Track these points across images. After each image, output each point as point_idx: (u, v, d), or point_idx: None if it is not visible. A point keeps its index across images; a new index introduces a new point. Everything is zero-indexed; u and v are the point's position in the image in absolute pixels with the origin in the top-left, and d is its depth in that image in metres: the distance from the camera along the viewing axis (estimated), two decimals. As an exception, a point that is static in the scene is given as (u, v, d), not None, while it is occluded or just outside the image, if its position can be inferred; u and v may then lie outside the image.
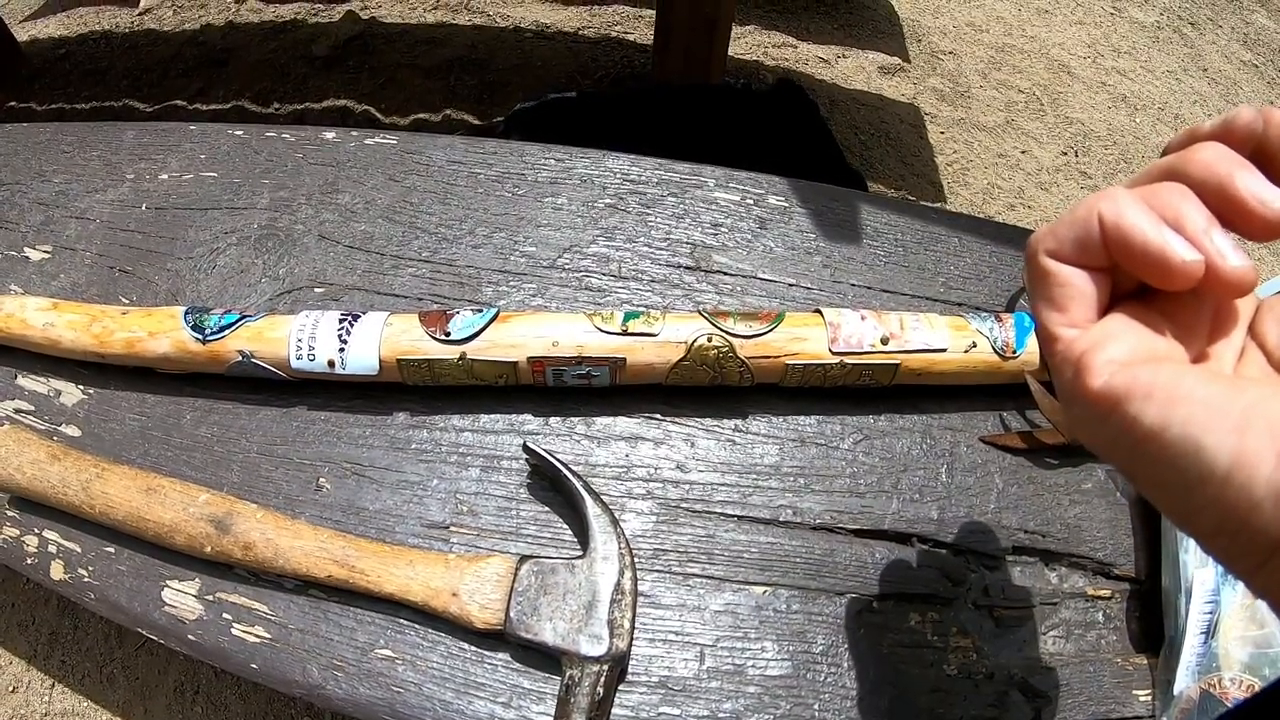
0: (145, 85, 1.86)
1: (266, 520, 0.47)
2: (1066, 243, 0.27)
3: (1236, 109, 0.27)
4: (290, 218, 0.66)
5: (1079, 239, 0.27)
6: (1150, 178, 0.28)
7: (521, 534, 0.51)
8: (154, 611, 0.49)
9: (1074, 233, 0.27)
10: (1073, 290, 0.27)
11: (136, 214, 0.67)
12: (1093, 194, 0.27)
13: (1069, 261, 0.27)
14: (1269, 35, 2.20)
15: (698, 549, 0.50)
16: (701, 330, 0.51)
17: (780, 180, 0.69)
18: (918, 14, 2.11)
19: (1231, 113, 0.27)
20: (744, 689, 0.46)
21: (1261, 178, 0.25)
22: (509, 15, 2.00)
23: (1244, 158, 0.26)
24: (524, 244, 0.64)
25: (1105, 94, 1.96)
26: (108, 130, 0.74)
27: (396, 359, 0.52)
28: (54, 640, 1.09)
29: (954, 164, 1.77)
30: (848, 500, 0.52)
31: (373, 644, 0.47)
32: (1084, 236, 0.26)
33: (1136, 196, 0.26)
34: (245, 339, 0.53)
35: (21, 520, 0.53)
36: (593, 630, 0.43)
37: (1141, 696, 0.47)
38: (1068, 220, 0.27)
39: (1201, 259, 0.24)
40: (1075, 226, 0.27)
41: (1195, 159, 0.26)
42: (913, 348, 0.52)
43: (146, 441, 0.55)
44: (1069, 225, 0.27)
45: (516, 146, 0.71)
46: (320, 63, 1.88)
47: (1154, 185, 0.26)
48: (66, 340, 0.55)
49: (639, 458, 0.54)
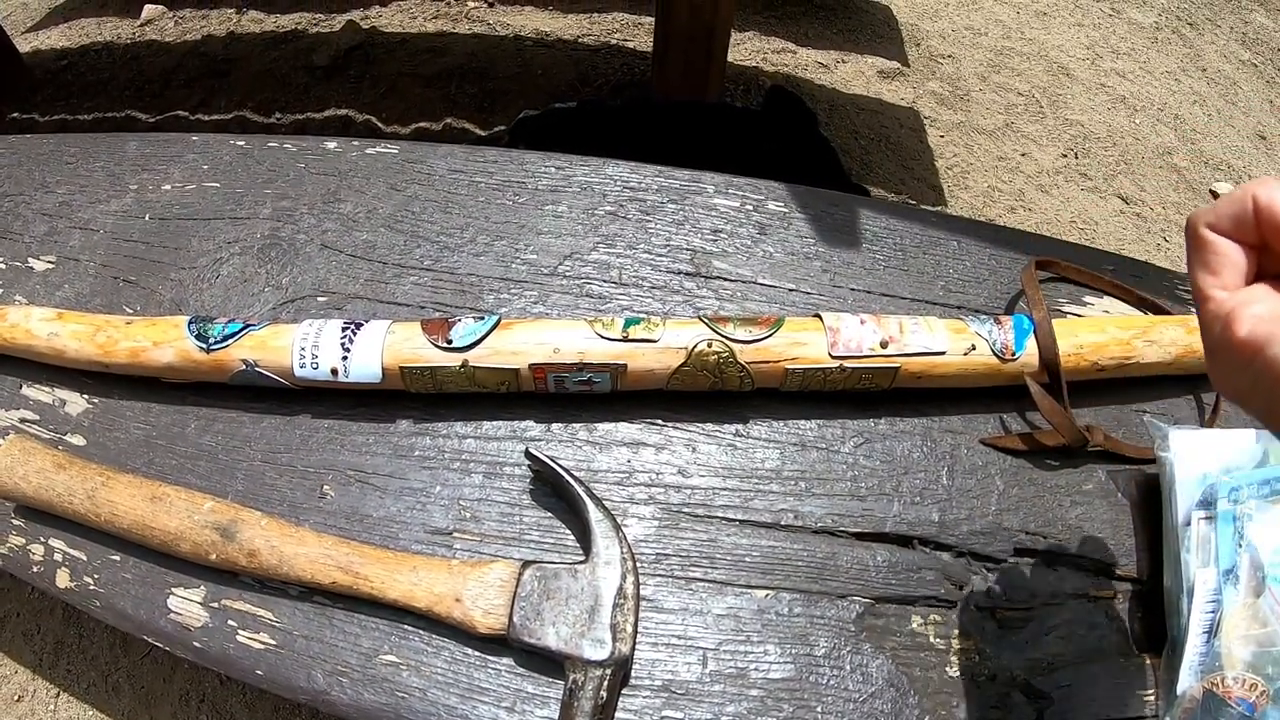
0: (147, 96, 1.88)
1: (271, 527, 0.48)
2: (1224, 218, 0.31)
3: None
4: (293, 227, 0.67)
5: (1235, 215, 0.31)
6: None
7: (524, 540, 0.51)
8: (159, 619, 0.49)
9: (1231, 210, 0.31)
10: (1225, 259, 0.32)
11: (140, 224, 0.68)
12: (1252, 180, 0.32)
13: (1224, 234, 0.32)
14: (1268, 34, 2.20)
15: (700, 553, 0.50)
16: (701, 336, 0.52)
17: (779, 186, 0.69)
18: (916, 18, 2.11)
19: None
20: (747, 692, 0.46)
21: None
22: (509, 24, 2.01)
23: None
24: (525, 252, 0.64)
25: (1104, 95, 1.97)
26: (111, 141, 0.75)
27: (399, 367, 0.52)
28: (59, 649, 1.09)
29: (954, 167, 1.77)
30: (849, 504, 0.53)
31: (377, 650, 0.47)
32: (1239, 213, 0.31)
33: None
34: (249, 348, 0.53)
35: (27, 529, 0.53)
36: (595, 634, 0.43)
37: (1145, 696, 0.47)
38: (1226, 199, 0.32)
39: None
40: (1233, 204, 0.31)
41: None
42: (912, 351, 0.52)
43: (151, 450, 0.56)
44: (1228, 203, 0.31)
45: (517, 155, 0.71)
46: (321, 72, 1.89)
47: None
48: (71, 350, 0.56)
49: (641, 463, 0.54)
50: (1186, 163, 1.84)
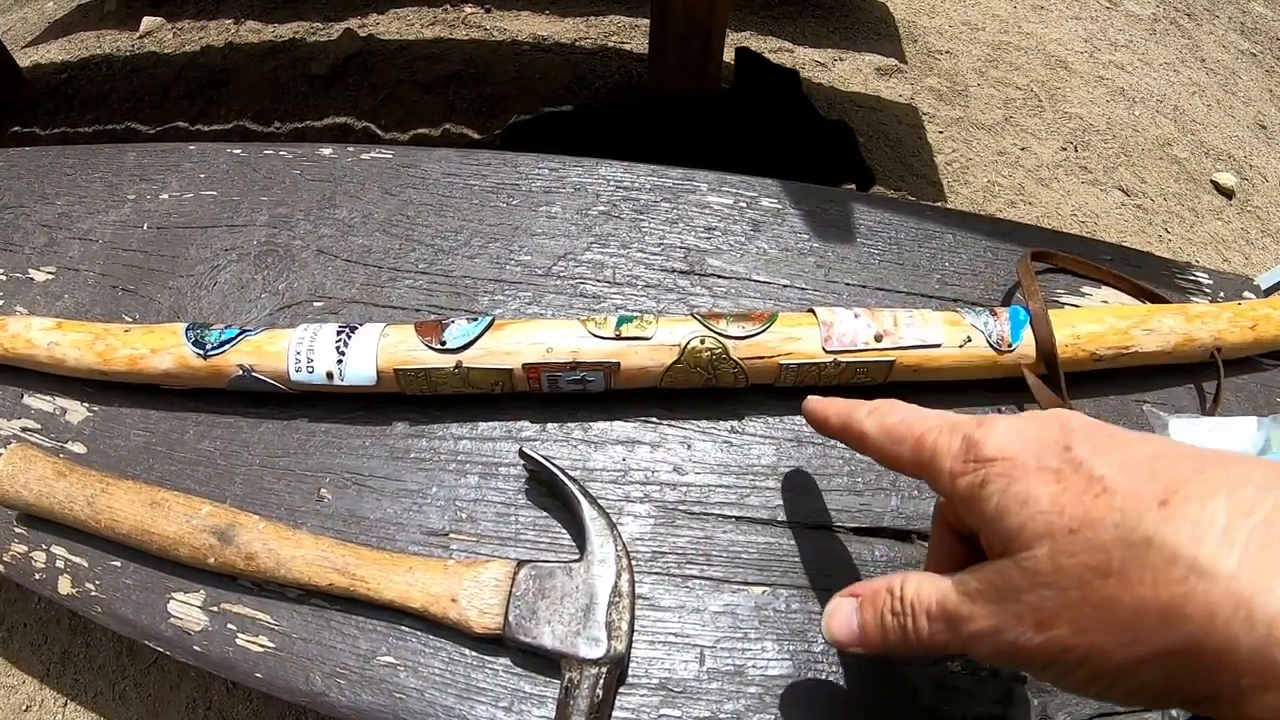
0: (147, 108, 1.89)
1: (268, 531, 0.48)
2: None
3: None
4: (289, 233, 0.67)
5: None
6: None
7: (520, 539, 0.51)
8: (160, 623, 0.49)
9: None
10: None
11: (138, 234, 0.68)
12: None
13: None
14: (1267, 24, 2.20)
15: (696, 550, 0.50)
16: (694, 333, 0.52)
17: (773, 183, 0.69)
18: (913, 14, 2.11)
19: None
20: (745, 689, 0.46)
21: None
22: (506, 29, 2.02)
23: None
24: (519, 253, 0.65)
25: (1103, 88, 1.96)
26: (109, 152, 0.76)
27: (394, 369, 0.52)
28: (66, 658, 1.09)
29: (953, 163, 1.77)
30: (846, 499, 0.53)
31: (375, 651, 0.47)
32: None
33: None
34: (245, 353, 0.54)
35: (29, 536, 0.53)
36: (590, 633, 0.43)
37: (1147, 689, 0.47)
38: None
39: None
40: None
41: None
42: (907, 344, 0.52)
43: (151, 457, 0.56)
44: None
45: (510, 157, 0.71)
46: (320, 81, 1.90)
47: None
48: (71, 359, 0.56)
49: (636, 461, 0.54)
50: (1187, 154, 1.84)
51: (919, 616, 0.31)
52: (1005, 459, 0.29)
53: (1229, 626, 0.22)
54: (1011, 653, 0.28)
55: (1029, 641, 0.27)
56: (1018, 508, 0.27)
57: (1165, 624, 0.23)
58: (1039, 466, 0.28)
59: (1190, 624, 0.23)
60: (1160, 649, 0.24)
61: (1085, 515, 0.25)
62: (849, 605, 0.36)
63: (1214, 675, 0.23)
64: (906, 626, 0.32)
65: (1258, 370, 0.60)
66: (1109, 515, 0.25)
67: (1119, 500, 0.25)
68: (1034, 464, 0.28)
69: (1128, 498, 0.25)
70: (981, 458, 0.30)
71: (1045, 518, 0.26)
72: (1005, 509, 0.28)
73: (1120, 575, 0.24)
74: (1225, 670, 0.22)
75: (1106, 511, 0.25)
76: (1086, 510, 0.26)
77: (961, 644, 0.30)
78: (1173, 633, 0.23)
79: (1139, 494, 0.25)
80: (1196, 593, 0.23)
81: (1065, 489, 0.27)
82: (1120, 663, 0.25)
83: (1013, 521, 0.28)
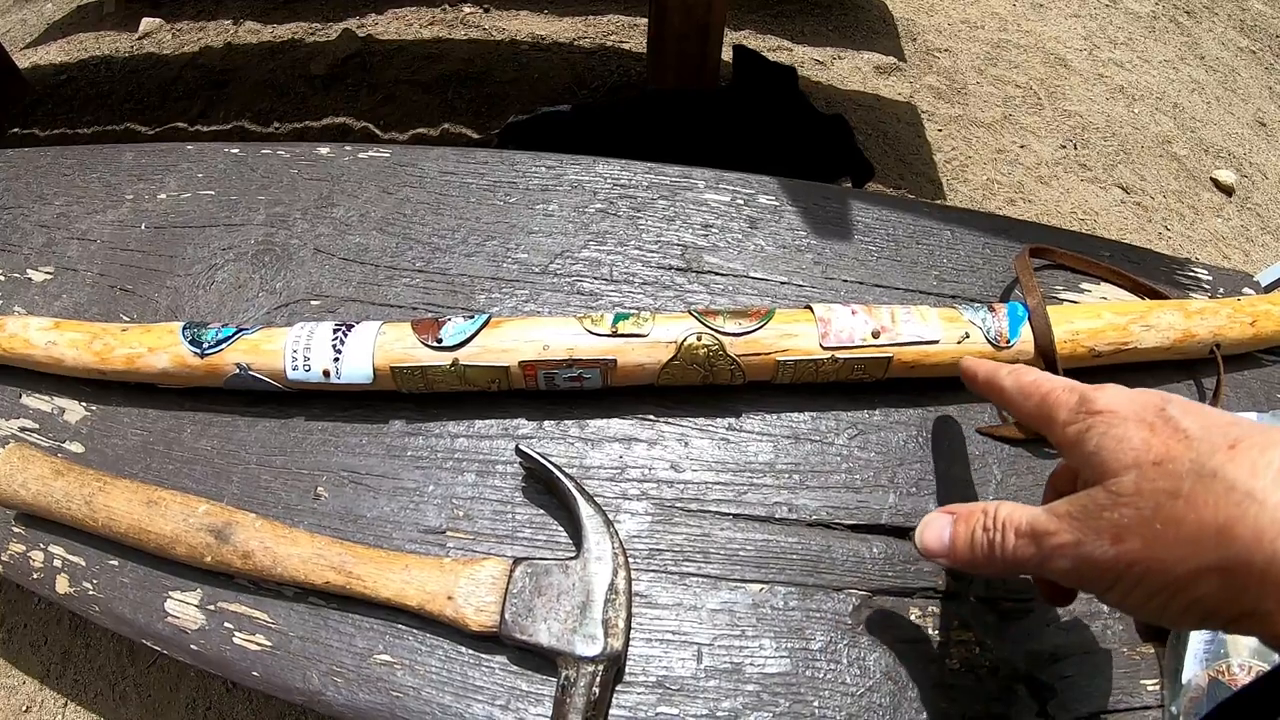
0: (147, 109, 1.89)
1: (265, 529, 0.48)
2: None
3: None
4: (286, 232, 0.67)
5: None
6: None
7: (517, 537, 0.51)
8: (157, 622, 0.49)
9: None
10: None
11: (136, 234, 0.68)
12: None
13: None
14: (1266, 21, 2.19)
15: (693, 548, 0.50)
16: (691, 329, 0.51)
17: (770, 180, 0.69)
18: (912, 13, 2.11)
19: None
20: (742, 687, 0.46)
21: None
22: (505, 28, 2.02)
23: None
24: (516, 251, 0.65)
25: (1102, 86, 1.96)
26: (107, 152, 0.76)
27: (390, 367, 0.52)
28: (66, 659, 1.09)
29: (952, 161, 1.77)
30: (844, 495, 0.52)
31: (371, 649, 0.47)
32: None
33: None
34: (242, 352, 0.54)
35: (27, 536, 0.53)
36: (587, 630, 0.43)
37: (1149, 686, 0.47)
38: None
39: None
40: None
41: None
42: (904, 340, 0.52)
43: (148, 455, 0.56)
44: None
45: (508, 155, 0.71)
46: (319, 81, 1.90)
47: None
48: (69, 358, 0.56)
49: (633, 458, 0.54)
50: (1186, 151, 1.83)
51: (1008, 532, 0.36)
52: (1110, 411, 0.34)
53: (1274, 545, 0.26)
54: (1086, 566, 0.32)
55: (1104, 554, 0.31)
56: (1114, 445, 0.33)
57: (1221, 541, 0.28)
58: (1137, 419, 0.33)
59: (1240, 543, 0.27)
60: (1214, 563, 0.28)
61: (1168, 452, 0.31)
62: (944, 520, 0.40)
63: (1257, 591, 0.27)
64: (995, 541, 0.36)
65: (1258, 366, 0.60)
66: (1187, 453, 0.30)
67: (1196, 444, 0.30)
68: (1133, 416, 0.33)
69: (1203, 442, 0.30)
70: (1091, 410, 0.35)
71: (1135, 453, 0.31)
72: (1103, 446, 0.33)
73: (1189, 499, 0.29)
74: (1268, 585, 0.27)
75: (1185, 450, 0.30)
76: (1169, 449, 0.31)
77: (1042, 558, 0.34)
78: (1226, 549, 0.27)
79: (1213, 440, 0.30)
80: (1248, 516, 0.27)
81: (1155, 434, 0.32)
82: (1179, 577, 0.29)
83: (1108, 456, 0.33)
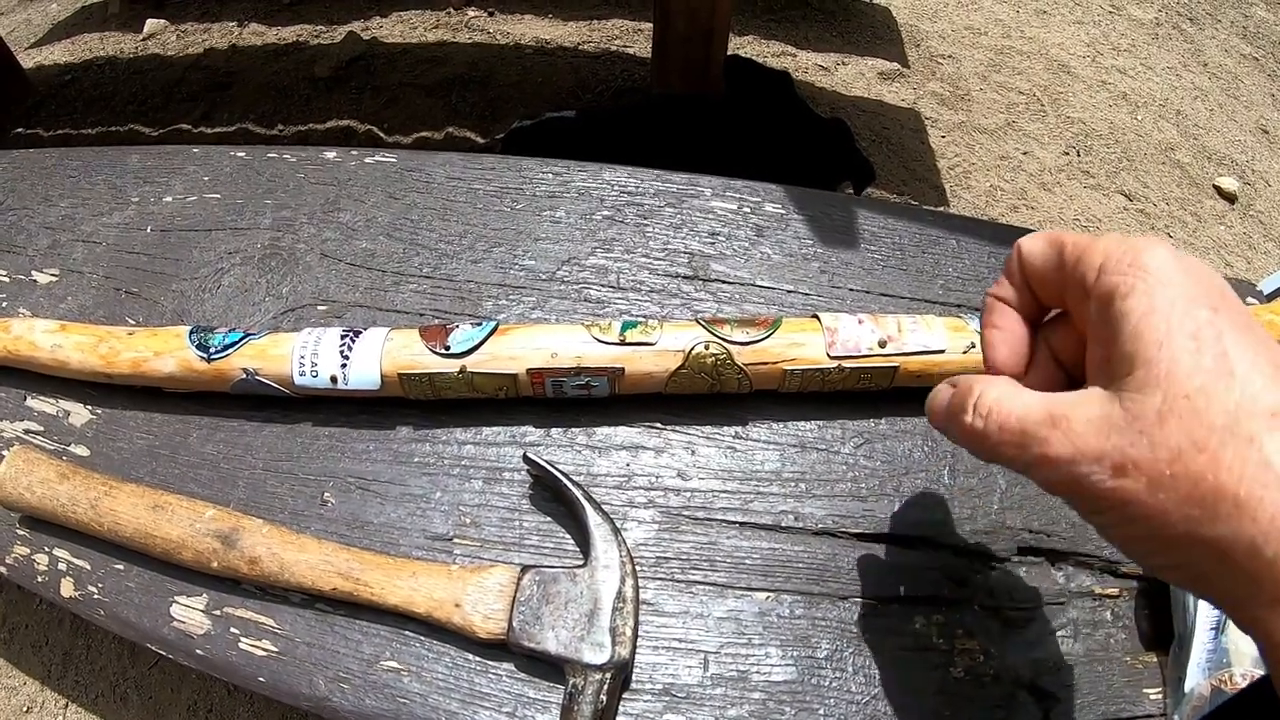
0: (151, 110, 1.89)
1: (272, 535, 0.48)
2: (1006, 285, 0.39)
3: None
4: (293, 237, 0.67)
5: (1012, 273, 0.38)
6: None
7: (524, 545, 0.51)
8: (163, 627, 0.49)
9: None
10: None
11: (142, 236, 0.69)
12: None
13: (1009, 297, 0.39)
14: (1269, 28, 2.20)
15: (700, 556, 0.50)
16: (698, 338, 0.52)
17: (777, 188, 0.69)
18: (916, 19, 2.12)
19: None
20: (748, 695, 0.46)
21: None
22: (509, 32, 2.02)
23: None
24: (523, 257, 0.65)
25: (1106, 93, 1.96)
26: (112, 155, 0.76)
27: (398, 373, 0.52)
28: (67, 660, 1.09)
29: (956, 167, 1.77)
30: (850, 504, 0.53)
31: (378, 656, 0.47)
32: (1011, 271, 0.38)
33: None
34: (249, 357, 0.54)
35: (32, 539, 0.53)
36: (595, 638, 0.43)
37: (1152, 695, 0.47)
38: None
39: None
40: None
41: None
42: (910, 350, 0.52)
43: (154, 460, 0.56)
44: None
45: (515, 161, 0.71)
46: (323, 84, 1.90)
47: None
48: (74, 361, 0.56)
49: (640, 467, 0.54)
50: (1189, 158, 1.84)
51: (991, 423, 0.31)
52: (1160, 281, 0.28)
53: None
54: (1076, 487, 0.28)
55: (1100, 482, 0.27)
56: (1151, 334, 0.27)
57: (1236, 516, 0.24)
58: (1185, 312, 0.27)
59: (1257, 526, 0.24)
60: (1218, 536, 0.25)
61: (1205, 389, 0.26)
62: (945, 391, 0.36)
63: (1257, 581, 0.24)
64: (978, 429, 0.32)
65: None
66: (1226, 400, 0.25)
67: (1238, 393, 0.26)
68: (1181, 304, 0.27)
69: (1246, 393, 0.26)
70: (1140, 265, 0.28)
71: (1169, 368, 0.26)
72: (1138, 334, 0.27)
73: (1214, 456, 0.25)
74: (1265, 582, 0.24)
75: (1225, 396, 0.26)
76: (1208, 385, 0.26)
77: (1027, 464, 0.30)
78: (1237, 526, 0.24)
79: (1259, 396, 0.25)
80: (1273, 502, 0.24)
81: (1200, 351, 0.26)
82: (1179, 535, 0.26)
83: (1140, 352, 0.27)
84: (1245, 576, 0.25)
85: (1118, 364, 0.28)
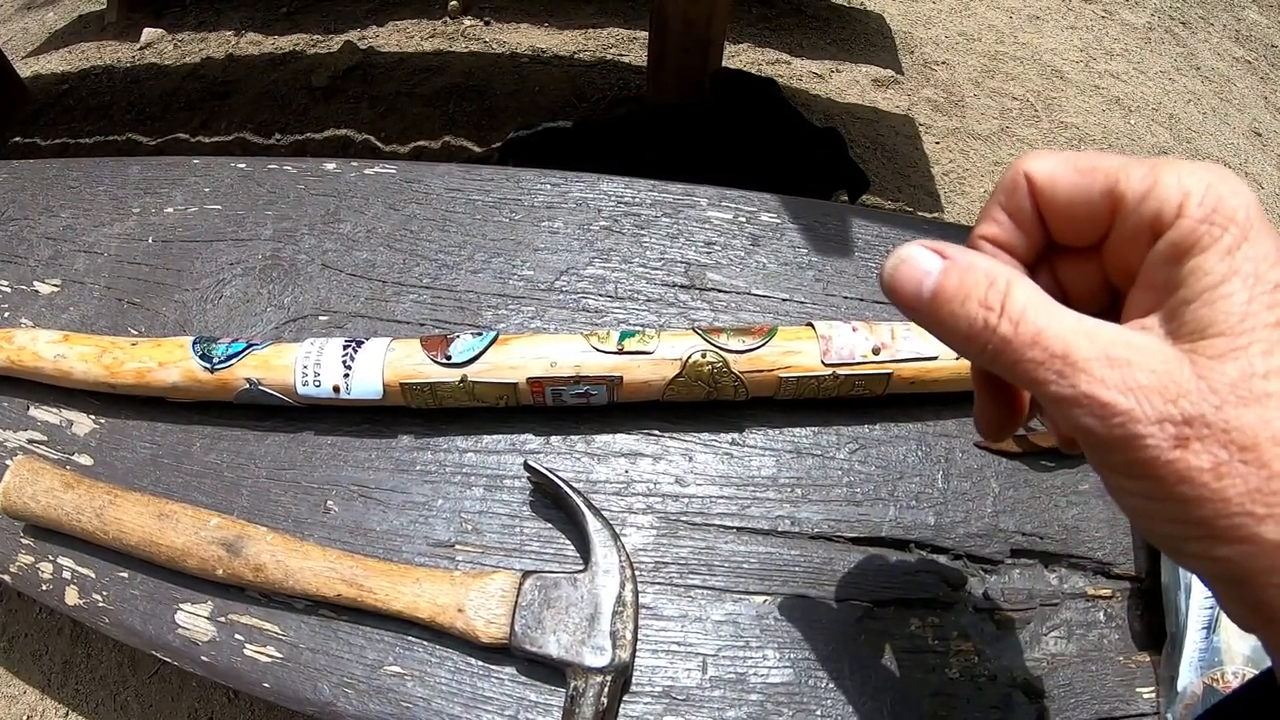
0: (148, 119, 1.90)
1: (276, 542, 0.48)
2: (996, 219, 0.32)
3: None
4: (293, 248, 0.68)
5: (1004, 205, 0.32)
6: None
7: (525, 551, 0.51)
8: (168, 634, 0.50)
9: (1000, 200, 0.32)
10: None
11: (143, 247, 0.69)
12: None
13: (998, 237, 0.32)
14: (1261, 30, 2.22)
15: (698, 561, 0.51)
16: (695, 347, 0.52)
17: (772, 197, 0.70)
18: (910, 26, 2.13)
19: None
20: (746, 697, 0.46)
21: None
22: (505, 41, 2.04)
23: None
24: (522, 268, 0.65)
25: (1099, 97, 1.98)
26: (113, 165, 0.76)
27: (400, 383, 0.53)
28: (67, 669, 1.10)
29: (950, 173, 1.78)
30: (845, 509, 0.53)
31: (382, 661, 0.47)
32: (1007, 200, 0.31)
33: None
34: (252, 367, 0.54)
35: (36, 548, 0.54)
36: (595, 642, 0.44)
37: (1145, 694, 0.48)
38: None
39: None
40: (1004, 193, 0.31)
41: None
42: (904, 357, 0.53)
43: (158, 469, 0.56)
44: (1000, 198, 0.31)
45: (513, 172, 0.72)
46: (320, 93, 1.91)
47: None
48: (78, 371, 0.57)
49: (638, 473, 0.55)
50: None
51: (1023, 332, 0.25)
52: (1248, 238, 0.23)
53: None
54: (1123, 446, 0.23)
55: (1157, 450, 0.23)
56: (1233, 309, 0.23)
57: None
58: (1275, 282, 0.23)
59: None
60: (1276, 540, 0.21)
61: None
62: (930, 261, 0.28)
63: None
64: (995, 331, 0.25)
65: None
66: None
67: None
68: (1269, 270, 0.23)
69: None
70: (1227, 215, 0.24)
71: (1250, 343, 0.23)
72: (1223, 297, 0.23)
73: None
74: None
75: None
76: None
77: (1060, 398, 0.24)
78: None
79: None
80: None
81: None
82: (1227, 528, 0.22)
83: (1218, 320, 0.23)
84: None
85: (1189, 321, 0.24)
